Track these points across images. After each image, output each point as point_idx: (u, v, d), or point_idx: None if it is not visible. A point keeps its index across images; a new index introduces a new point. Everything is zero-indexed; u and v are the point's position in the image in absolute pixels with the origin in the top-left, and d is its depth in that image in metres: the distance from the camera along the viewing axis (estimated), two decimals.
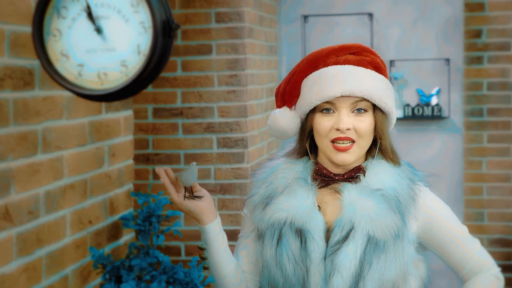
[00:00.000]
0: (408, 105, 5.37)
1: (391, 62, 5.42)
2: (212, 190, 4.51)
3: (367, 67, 2.10)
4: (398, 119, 5.42)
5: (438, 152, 5.47)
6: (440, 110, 5.35)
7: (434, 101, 5.36)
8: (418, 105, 5.36)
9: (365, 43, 5.40)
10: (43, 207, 1.97)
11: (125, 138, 2.61)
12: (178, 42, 4.50)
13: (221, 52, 4.47)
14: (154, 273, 1.82)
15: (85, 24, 1.54)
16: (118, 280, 1.88)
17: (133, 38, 1.53)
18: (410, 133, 5.47)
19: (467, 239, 2.18)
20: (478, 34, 5.44)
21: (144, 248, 1.89)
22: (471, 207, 5.53)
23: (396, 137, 5.43)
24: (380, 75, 2.12)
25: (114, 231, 2.37)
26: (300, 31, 5.51)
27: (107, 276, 1.88)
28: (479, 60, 5.44)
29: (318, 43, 5.50)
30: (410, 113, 5.37)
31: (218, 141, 4.50)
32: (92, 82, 1.55)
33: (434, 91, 5.38)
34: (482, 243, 5.55)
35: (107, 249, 2.33)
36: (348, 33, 5.49)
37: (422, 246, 2.16)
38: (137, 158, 4.60)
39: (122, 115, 2.57)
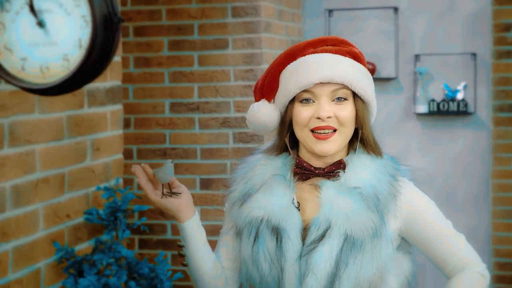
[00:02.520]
0: (433, 100, 5.28)
1: (416, 57, 5.33)
2: (228, 185, 4.50)
3: (345, 56, 2.07)
4: (423, 114, 5.33)
5: (464, 148, 5.37)
6: (466, 105, 5.25)
7: (460, 96, 5.25)
8: (443, 100, 5.26)
9: (390, 37, 5.33)
10: (9, 201, 1.98)
11: (113, 133, 2.61)
12: (195, 36, 4.50)
13: (238, 46, 4.46)
14: (115, 268, 1.80)
15: (28, 17, 1.53)
16: (81, 274, 1.87)
17: (74, 32, 1.52)
18: (435, 129, 5.38)
19: (451, 235, 2.12)
20: (507, 27, 5.31)
21: (108, 244, 1.88)
22: (500, 204, 5.41)
23: (421, 133, 5.35)
24: (359, 64, 2.08)
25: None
26: (324, 26, 5.45)
27: (70, 270, 1.87)
28: (508, 54, 5.31)
29: (342, 37, 5.43)
30: (435, 109, 5.27)
31: (234, 136, 4.49)
32: (35, 76, 1.54)
33: (459, 86, 5.27)
34: (511, 242, 5.44)
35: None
36: (373, 27, 5.42)
37: (407, 243, 2.11)
38: (154, 153, 4.61)
39: (109, 110, 2.57)
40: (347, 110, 2.03)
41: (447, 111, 5.26)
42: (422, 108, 5.30)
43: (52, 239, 2.19)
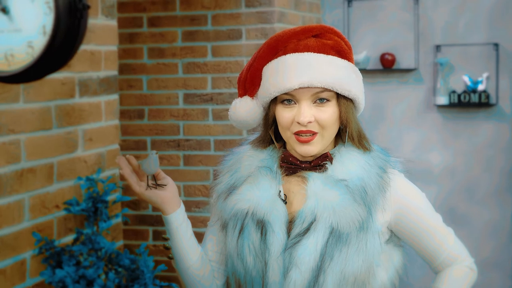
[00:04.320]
0: (454, 91, 5.18)
1: (437, 47, 5.24)
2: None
3: (328, 53, 1.99)
4: (443, 106, 5.24)
5: (485, 141, 5.26)
6: (488, 97, 5.14)
7: (481, 87, 5.14)
8: (464, 91, 5.16)
9: (410, 27, 5.25)
10: None
11: (107, 123, 2.58)
12: (208, 27, 4.46)
13: (251, 37, 4.41)
14: (92, 259, 1.78)
15: None
16: (59, 265, 1.85)
17: (39, 18, 1.49)
18: (456, 121, 5.28)
19: (440, 229, 2.07)
20: None
21: (88, 235, 1.85)
22: None
23: (442, 125, 5.26)
24: (343, 60, 2.01)
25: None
26: (343, 16, 5.38)
27: (50, 261, 1.85)
28: None
29: (362, 28, 5.36)
30: (456, 100, 5.18)
31: None
32: None
33: (481, 77, 5.17)
34: None
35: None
36: (393, 17, 5.33)
37: (397, 236, 2.07)
38: (168, 144, 4.59)
39: (103, 100, 2.54)
40: (328, 113, 1.97)
41: (468, 102, 5.16)
42: (443, 100, 5.21)
43: (39, 230, 2.17)
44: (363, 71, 5.21)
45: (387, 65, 5.25)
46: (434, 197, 5.30)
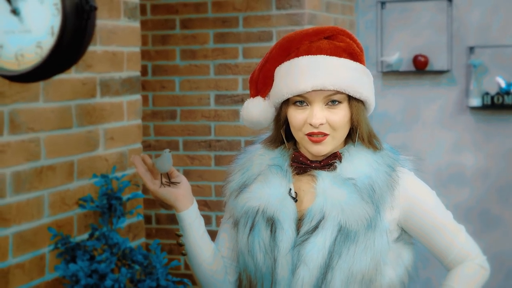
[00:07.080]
0: (487, 93, 5.15)
1: (471, 49, 5.21)
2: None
3: (340, 56, 2.02)
4: (476, 108, 5.21)
5: None
6: None
7: None
8: (498, 93, 5.12)
9: (443, 29, 5.23)
10: (9, 187, 2.02)
11: (130, 123, 2.64)
12: (240, 29, 4.51)
13: None
14: (105, 254, 1.83)
15: (3, 5, 1.57)
16: (74, 260, 1.90)
17: (47, 20, 1.55)
18: (489, 123, 5.25)
19: (451, 226, 2.09)
20: None
21: (101, 231, 1.91)
22: None
23: (474, 127, 5.23)
24: (354, 63, 2.03)
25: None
26: (376, 18, 5.38)
27: (64, 256, 1.91)
28: None
29: (395, 29, 5.36)
30: (489, 102, 5.14)
31: None
32: (10, 63, 1.58)
33: None
34: None
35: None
36: (426, 19, 5.32)
37: (408, 234, 2.09)
38: (199, 144, 4.65)
39: (125, 100, 2.60)
40: (340, 115, 2.00)
41: (502, 104, 5.12)
42: (476, 102, 5.18)
43: (59, 226, 2.23)
44: (396, 72, 5.21)
45: (420, 67, 5.24)
46: (467, 199, 5.27)
